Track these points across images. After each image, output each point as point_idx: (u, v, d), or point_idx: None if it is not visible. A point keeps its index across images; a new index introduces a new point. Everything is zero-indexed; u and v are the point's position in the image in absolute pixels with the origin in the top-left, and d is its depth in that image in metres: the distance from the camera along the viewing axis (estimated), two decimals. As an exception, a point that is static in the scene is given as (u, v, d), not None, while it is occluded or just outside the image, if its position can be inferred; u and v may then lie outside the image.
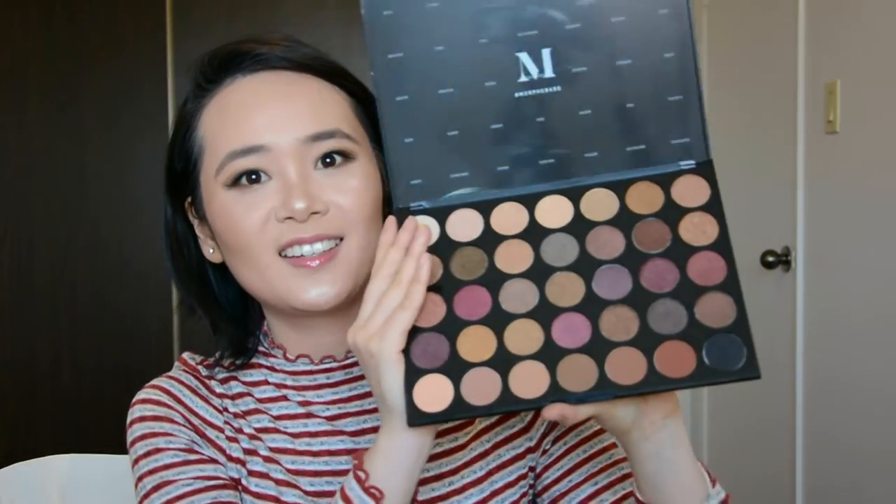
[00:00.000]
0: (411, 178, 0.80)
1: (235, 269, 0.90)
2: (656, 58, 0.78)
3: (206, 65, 0.90)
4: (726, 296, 0.74)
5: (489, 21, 0.78)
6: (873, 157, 2.11)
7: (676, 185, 0.79)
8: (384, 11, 0.79)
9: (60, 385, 2.85)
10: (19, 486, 1.18)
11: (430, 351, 0.76)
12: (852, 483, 2.19)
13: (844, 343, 2.23)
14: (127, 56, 2.85)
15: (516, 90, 0.79)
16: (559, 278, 0.77)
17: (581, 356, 0.74)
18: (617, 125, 0.79)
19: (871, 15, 2.12)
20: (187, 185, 0.92)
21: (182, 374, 0.94)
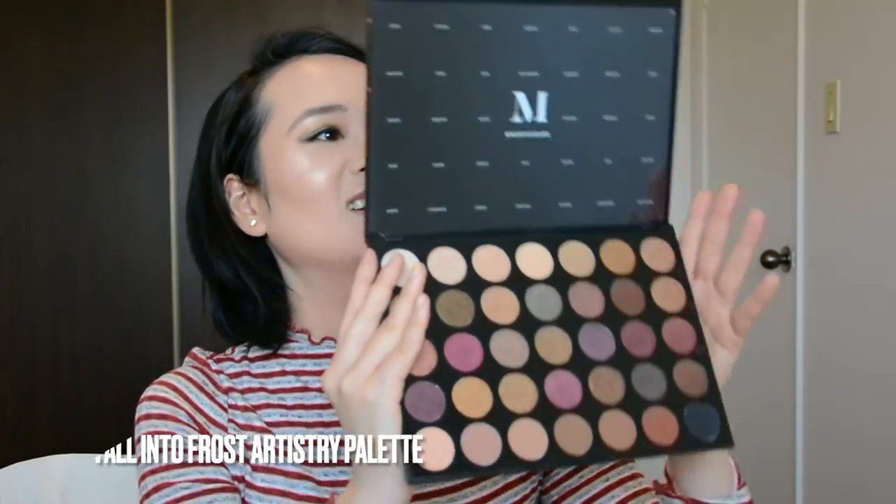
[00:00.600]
0: (388, 207, 0.76)
1: (294, 228, 0.91)
2: (639, 118, 0.79)
3: (275, 41, 0.96)
4: (699, 365, 0.76)
5: (494, 54, 0.76)
6: (873, 157, 2.11)
7: (644, 247, 0.80)
8: (392, 24, 0.74)
9: (60, 385, 2.86)
10: (19, 486, 1.18)
11: (427, 403, 0.71)
12: (852, 477, 2.19)
13: (844, 343, 2.23)
14: (127, 57, 2.85)
15: (508, 130, 0.77)
16: (547, 333, 0.76)
17: (576, 417, 0.74)
18: (593, 179, 0.79)
19: (871, 15, 2.12)
20: (238, 155, 0.94)
21: (190, 369, 0.95)
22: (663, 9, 0.77)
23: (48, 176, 2.85)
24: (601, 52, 0.77)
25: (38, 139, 2.86)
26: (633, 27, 0.77)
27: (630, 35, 0.77)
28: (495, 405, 0.73)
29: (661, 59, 0.78)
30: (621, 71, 0.78)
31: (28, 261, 2.86)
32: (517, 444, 0.72)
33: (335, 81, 0.92)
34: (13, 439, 2.84)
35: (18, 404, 2.85)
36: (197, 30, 2.89)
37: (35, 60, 2.85)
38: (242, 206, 0.95)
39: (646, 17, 0.78)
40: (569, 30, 0.76)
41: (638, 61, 0.78)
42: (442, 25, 0.74)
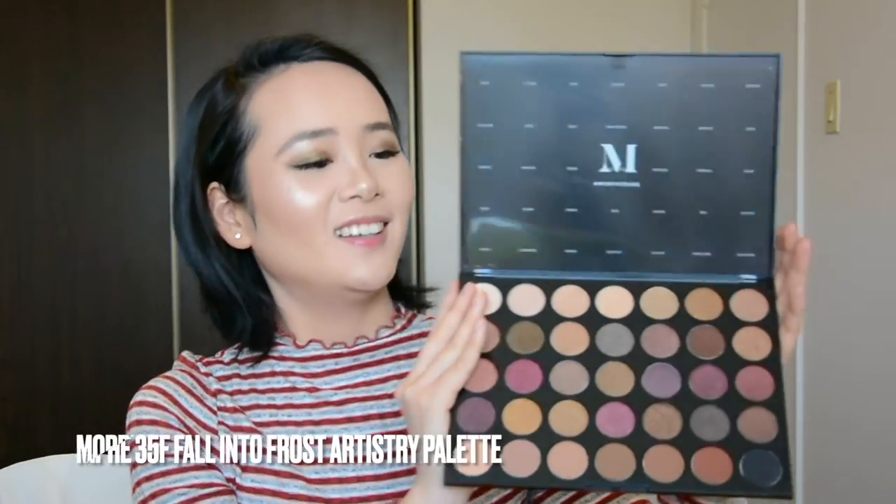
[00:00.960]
0: (481, 245, 0.83)
1: (279, 249, 0.91)
2: (736, 172, 0.80)
3: (263, 47, 0.92)
4: (770, 413, 0.76)
5: (581, 109, 0.80)
6: (873, 157, 2.11)
7: (736, 297, 0.80)
8: (482, 81, 0.80)
9: (60, 385, 2.86)
10: (19, 486, 1.18)
11: (477, 415, 0.77)
12: (852, 472, 2.19)
13: (844, 342, 2.23)
14: (127, 56, 2.85)
15: (596, 179, 0.80)
16: (611, 367, 0.78)
17: (621, 446, 0.75)
18: (687, 229, 0.81)
19: (872, 15, 2.12)
20: (223, 167, 0.92)
21: (179, 373, 0.94)
22: (761, 66, 0.80)
23: (48, 176, 2.85)
24: (693, 107, 0.79)
25: (38, 139, 2.86)
26: (728, 83, 0.79)
27: (724, 91, 0.79)
28: (542, 426, 0.76)
29: (759, 114, 0.80)
30: (715, 126, 0.79)
31: (28, 261, 2.86)
32: (555, 463, 0.74)
33: (326, 99, 0.90)
34: (13, 439, 2.84)
35: (18, 404, 2.85)
36: (197, 30, 2.89)
37: (35, 60, 2.85)
38: (226, 216, 0.93)
39: (742, 73, 0.79)
40: (658, 86, 0.79)
41: (734, 116, 0.79)
42: (530, 82, 0.80)
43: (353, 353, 0.95)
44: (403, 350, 0.97)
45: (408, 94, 2.98)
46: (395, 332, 0.98)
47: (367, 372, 0.94)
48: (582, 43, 3.03)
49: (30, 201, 2.86)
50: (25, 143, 2.85)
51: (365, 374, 0.94)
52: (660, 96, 0.79)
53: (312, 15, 2.94)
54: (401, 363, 0.96)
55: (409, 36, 2.98)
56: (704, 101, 0.79)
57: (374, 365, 0.95)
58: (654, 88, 0.79)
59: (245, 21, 2.91)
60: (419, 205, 3.03)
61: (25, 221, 2.86)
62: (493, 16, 3.02)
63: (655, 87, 0.79)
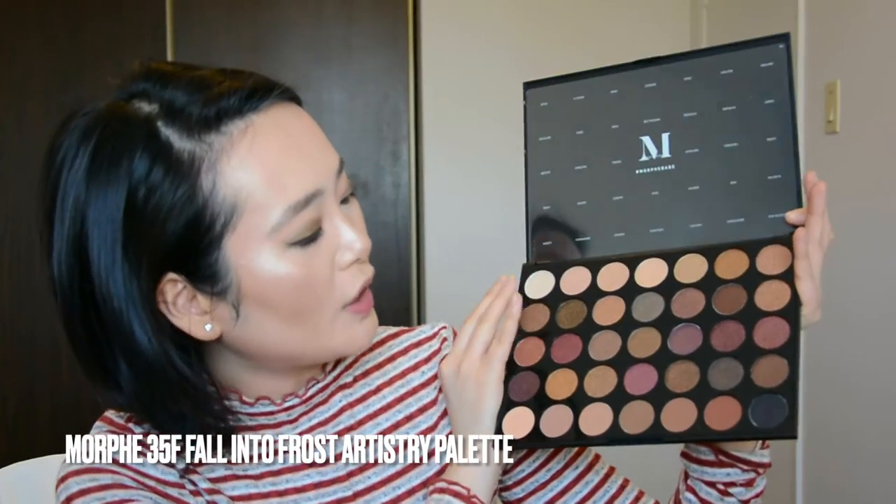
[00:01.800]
0: (543, 240, 0.95)
1: (270, 335, 0.79)
2: (760, 141, 0.88)
3: (212, 103, 0.75)
4: (783, 359, 0.80)
5: (621, 110, 0.92)
6: (873, 157, 2.11)
7: (762, 253, 0.86)
8: (542, 103, 0.96)
9: (60, 385, 2.86)
10: (19, 486, 1.18)
11: (525, 387, 0.87)
12: (852, 479, 2.19)
13: (845, 342, 2.23)
14: (127, 56, 2.85)
15: (637, 168, 0.91)
16: (641, 333, 0.86)
17: (643, 403, 0.82)
18: (720, 200, 0.89)
19: (872, 15, 2.12)
20: (185, 257, 0.76)
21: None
22: (772, 45, 0.88)
23: (48, 176, 2.85)
24: (716, 91, 0.89)
25: (38, 139, 2.86)
26: (744, 66, 0.88)
27: (742, 73, 0.88)
28: (577, 390, 0.85)
29: (775, 87, 0.87)
30: (737, 104, 0.88)
31: (28, 261, 2.86)
32: (585, 423, 0.83)
33: (304, 157, 0.78)
34: (13, 439, 2.84)
35: (18, 404, 2.85)
36: (197, 30, 2.89)
37: (35, 60, 2.85)
38: (184, 309, 0.78)
39: (756, 56, 0.88)
40: (684, 80, 0.90)
41: (753, 93, 0.88)
42: (579, 97, 0.95)
43: (305, 401, 0.88)
44: (350, 377, 0.93)
45: (408, 95, 2.98)
46: (342, 364, 0.93)
47: (319, 412, 0.89)
48: (582, 43, 3.03)
49: (30, 201, 2.85)
50: (25, 143, 2.85)
51: (319, 413, 0.89)
52: (686, 88, 0.90)
53: (312, 15, 2.94)
54: (353, 389, 0.93)
55: (409, 36, 2.98)
56: (725, 85, 0.89)
57: (324, 403, 0.90)
58: (680, 83, 0.90)
59: (245, 21, 2.91)
60: (419, 205, 3.03)
61: (25, 221, 2.86)
62: (493, 16, 3.02)
63: (682, 82, 0.90)
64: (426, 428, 0.92)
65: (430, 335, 0.97)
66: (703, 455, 0.89)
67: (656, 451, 1.85)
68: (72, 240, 0.75)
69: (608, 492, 0.95)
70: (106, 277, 0.74)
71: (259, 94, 0.76)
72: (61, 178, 0.76)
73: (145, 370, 0.77)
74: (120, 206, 0.74)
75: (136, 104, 0.77)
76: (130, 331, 0.75)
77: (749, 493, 0.89)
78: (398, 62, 2.97)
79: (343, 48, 2.96)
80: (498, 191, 3.00)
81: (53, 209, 0.77)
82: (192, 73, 0.77)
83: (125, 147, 0.74)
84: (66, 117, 0.79)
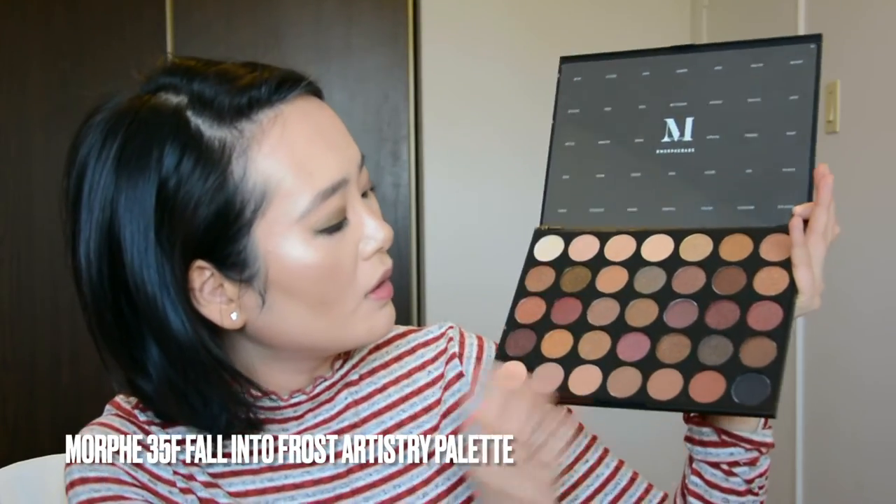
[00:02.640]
0: (559, 207, 0.97)
1: (294, 324, 0.80)
2: (780, 134, 0.89)
3: (242, 92, 0.77)
4: (772, 342, 0.82)
5: (650, 92, 0.95)
6: (873, 157, 2.11)
7: (767, 240, 0.88)
8: (575, 78, 0.99)
9: (60, 385, 2.86)
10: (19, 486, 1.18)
11: (521, 343, 0.90)
12: (852, 477, 2.19)
13: (845, 342, 2.23)
14: (127, 56, 2.85)
15: (658, 148, 0.93)
16: (639, 303, 0.89)
17: (632, 369, 0.85)
18: (734, 186, 0.90)
19: (872, 15, 2.12)
20: (214, 245, 0.77)
21: (115, 419, 0.84)
22: (804, 44, 0.91)
23: (48, 176, 2.85)
24: (744, 83, 0.91)
25: (38, 139, 2.86)
26: (775, 62, 0.91)
27: (772, 68, 0.91)
28: (571, 351, 0.88)
29: (801, 84, 0.90)
30: (763, 96, 0.91)
31: (28, 261, 2.86)
32: (574, 383, 0.86)
33: (331, 146, 0.80)
34: (13, 439, 2.84)
35: (18, 404, 2.85)
36: (197, 30, 2.89)
37: (35, 60, 2.85)
38: (210, 296, 0.79)
39: (787, 53, 0.91)
40: (714, 69, 0.93)
41: (779, 88, 0.90)
42: (611, 75, 0.97)
43: (312, 397, 0.89)
44: (357, 374, 0.93)
45: (408, 94, 2.98)
46: (349, 363, 0.93)
47: (325, 409, 0.90)
48: (582, 43, 3.02)
49: (30, 201, 2.86)
50: (25, 143, 2.85)
51: (325, 411, 0.89)
52: (716, 77, 0.93)
53: (312, 15, 2.94)
54: (360, 386, 0.93)
55: (409, 36, 2.98)
56: (754, 78, 0.91)
57: (330, 401, 0.90)
58: (711, 71, 0.93)
59: (245, 21, 2.91)
60: (419, 206, 3.03)
61: (25, 221, 2.86)
62: (494, 16, 3.02)
63: (713, 70, 0.93)
64: (429, 428, 0.93)
65: (438, 335, 0.98)
66: (707, 436, 0.90)
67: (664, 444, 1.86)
68: (103, 229, 0.77)
69: (619, 484, 0.96)
70: (139, 265, 0.76)
71: (288, 84, 0.79)
72: (87, 170, 0.78)
73: (179, 355, 0.78)
74: (152, 195, 0.75)
75: (162, 96, 0.78)
76: (164, 316, 0.76)
77: (753, 471, 0.90)
78: (398, 62, 2.97)
79: (343, 48, 2.96)
80: (498, 191, 3.00)
81: (79, 201, 0.78)
82: (217, 67, 0.79)
83: (155, 137, 0.76)
84: (89, 113, 0.81)
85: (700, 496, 0.91)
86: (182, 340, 0.77)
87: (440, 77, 2.99)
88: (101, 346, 0.81)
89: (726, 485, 0.90)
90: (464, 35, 3.00)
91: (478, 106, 3.02)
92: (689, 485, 0.93)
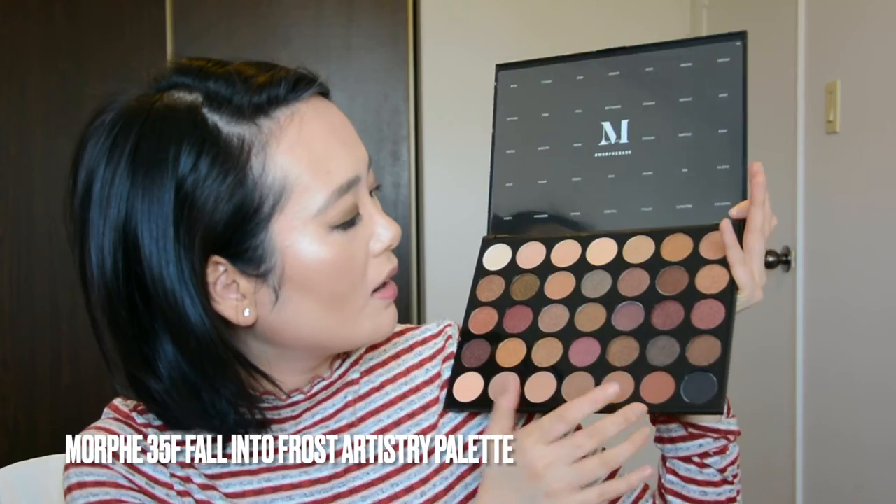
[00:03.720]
0: (505, 215, 0.98)
1: (305, 321, 0.81)
2: (712, 132, 0.91)
3: (260, 89, 0.78)
4: (716, 339, 0.84)
5: (585, 96, 0.96)
6: (873, 157, 2.11)
7: (706, 239, 0.90)
8: (511, 85, 1.00)
9: (60, 385, 2.86)
10: (19, 486, 1.18)
11: (476, 353, 0.91)
12: (852, 479, 2.19)
13: (845, 343, 2.23)
14: (127, 56, 2.85)
15: (596, 151, 0.95)
16: (588, 308, 0.90)
17: (584, 374, 0.87)
18: (671, 186, 0.92)
19: (872, 15, 2.12)
20: (231, 240, 0.77)
21: (113, 422, 0.85)
22: (730, 42, 0.92)
23: (48, 176, 2.85)
24: (675, 83, 0.93)
25: (38, 140, 2.86)
26: (703, 60, 0.92)
27: (700, 67, 0.92)
28: (525, 359, 0.89)
29: (730, 82, 0.91)
30: (693, 95, 0.92)
31: (28, 261, 2.86)
32: (530, 391, 0.87)
33: (345, 144, 0.82)
34: (13, 439, 2.84)
35: (18, 404, 2.85)
36: (197, 32, 2.89)
37: (35, 62, 2.85)
38: (224, 292, 0.79)
39: (714, 51, 0.92)
40: (646, 70, 0.94)
41: (709, 86, 0.92)
42: (546, 81, 0.98)
43: (310, 397, 0.89)
44: (356, 373, 0.94)
45: (408, 94, 2.97)
46: (347, 361, 0.93)
47: (322, 408, 0.90)
48: (581, 43, 3.02)
49: (30, 201, 2.86)
50: (25, 143, 2.85)
51: (322, 410, 0.90)
52: (647, 78, 0.94)
53: (312, 15, 2.94)
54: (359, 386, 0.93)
55: (409, 36, 2.98)
56: (683, 77, 0.93)
57: (328, 400, 0.90)
58: (642, 73, 0.94)
59: (245, 21, 2.91)
60: (419, 205, 3.03)
61: (25, 221, 2.86)
62: (493, 16, 3.02)
63: (644, 72, 0.94)
64: (427, 426, 0.93)
65: (436, 333, 0.98)
66: (675, 432, 0.92)
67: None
68: (118, 227, 0.77)
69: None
70: (158, 261, 0.75)
71: (304, 83, 0.80)
72: (99, 169, 0.78)
73: (196, 349, 0.77)
74: (170, 193, 0.75)
75: (174, 94, 0.79)
76: (183, 311, 0.76)
77: (724, 460, 0.92)
78: (398, 62, 2.97)
79: (343, 48, 2.96)
80: (498, 191, 3.00)
81: (89, 200, 0.79)
82: (228, 66, 0.80)
83: (171, 134, 0.76)
84: (96, 111, 0.80)
85: (678, 493, 0.93)
86: (200, 335, 0.77)
87: (440, 77, 2.99)
88: (110, 345, 0.80)
89: (701, 477, 0.92)
90: (464, 35, 3.00)
91: (478, 106, 3.01)
92: (666, 483, 0.94)
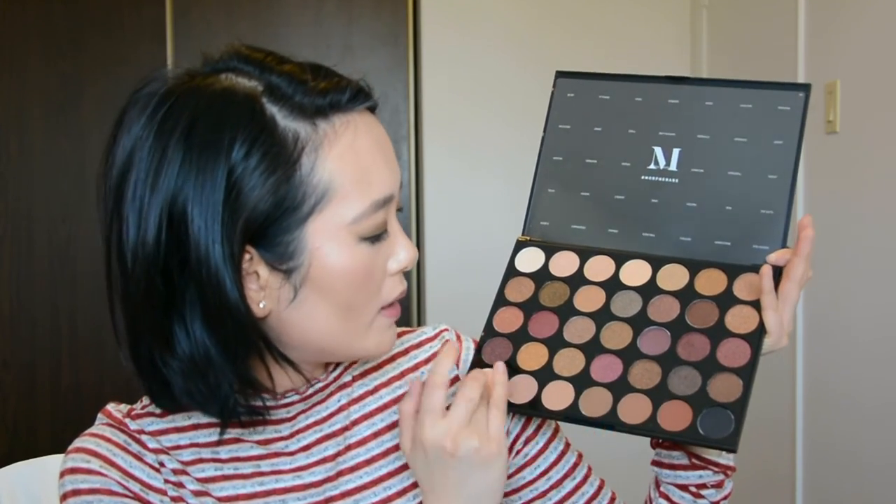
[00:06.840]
0: (542, 220, 0.99)
1: (317, 324, 0.81)
2: (762, 176, 0.92)
3: (326, 92, 0.80)
4: (739, 379, 0.85)
5: (640, 118, 0.97)
6: (873, 157, 2.11)
7: (741, 279, 0.91)
8: (568, 94, 1.01)
9: (60, 385, 2.86)
10: (19, 486, 1.18)
11: (497, 351, 0.93)
12: (852, 487, 2.19)
13: (844, 344, 2.23)
14: (127, 57, 2.85)
15: (644, 174, 0.96)
16: (615, 326, 0.91)
17: (604, 390, 0.88)
18: (713, 221, 0.93)
19: (872, 15, 2.12)
20: (266, 232, 0.78)
21: (107, 428, 0.86)
22: (793, 92, 0.93)
23: (48, 176, 2.85)
24: (732, 121, 0.94)
25: (38, 139, 2.86)
26: (764, 105, 0.93)
27: (760, 111, 0.93)
28: (546, 365, 0.90)
29: (787, 130, 0.92)
30: (749, 137, 0.93)
31: (28, 260, 2.86)
32: (546, 397, 0.89)
33: (387, 161, 0.83)
34: (13, 439, 2.84)
35: (18, 404, 2.85)
36: (197, 30, 2.89)
37: (35, 60, 2.85)
38: (245, 281, 0.79)
39: (776, 98, 0.93)
40: (705, 104, 0.95)
41: (765, 131, 0.93)
42: (605, 96, 1.00)
43: (305, 398, 0.89)
44: (349, 376, 0.94)
45: (408, 94, 2.98)
46: (342, 364, 0.93)
47: (316, 411, 0.90)
48: (581, 43, 3.03)
49: (30, 201, 2.86)
50: (25, 142, 2.85)
51: (316, 412, 0.90)
52: (706, 112, 0.95)
53: (312, 15, 2.94)
54: (352, 388, 0.93)
55: (409, 36, 2.98)
56: (741, 118, 0.94)
57: (322, 402, 0.90)
58: (702, 105, 0.95)
59: (245, 20, 2.91)
60: (419, 205, 3.03)
61: (25, 221, 2.86)
62: (493, 16, 3.02)
63: (703, 105, 0.95)
64: None
65: (432, 336, 0.98)
66: (677, 460, 0.93)
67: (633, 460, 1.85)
68: (165, 200, 0.76)
69: (585, 494, 0.99)
70: (206, 239, 0.75)
71: (362, 96, 0.82)
72: (147, 141, 0.77)
73: (230, 328, 0.77)
74: (223, 175, 0.75)
75: (232, 78, 0.79)
76: (224, 290, 0.76)
77: (719, 494, 0.94)
78: (398, 62, 2.97)
79: (343, 48, 2.96)
80: (498, 191, 3.00)
81: (130, 169, 0.77)
82: (288, 62, 0.82)
83: (228, 118, 0.76)
84: (141, 82, 0.80)
85: None
86: (236, 315, 0.77)
87: (440, 77, 2.99)
88: (133, 315, 0.80)
89: None
90: (464, 36, 3.00)
91: (478, 106, 3.02)
92: None
